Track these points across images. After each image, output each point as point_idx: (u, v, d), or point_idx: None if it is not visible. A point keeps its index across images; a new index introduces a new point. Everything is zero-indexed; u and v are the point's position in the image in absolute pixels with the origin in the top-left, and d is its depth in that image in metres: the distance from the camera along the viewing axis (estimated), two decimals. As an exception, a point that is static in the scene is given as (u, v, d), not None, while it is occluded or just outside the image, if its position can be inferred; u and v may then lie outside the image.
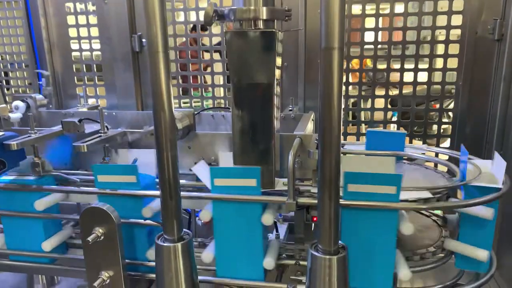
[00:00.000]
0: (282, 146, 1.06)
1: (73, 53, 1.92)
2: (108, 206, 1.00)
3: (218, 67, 1.79)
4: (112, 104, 1.92)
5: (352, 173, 0.91)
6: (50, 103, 1.90)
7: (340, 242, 0.88)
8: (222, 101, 1.82)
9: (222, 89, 1.82)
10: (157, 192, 1.02)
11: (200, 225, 1.40)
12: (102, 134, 1.10)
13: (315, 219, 1.12)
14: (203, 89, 1.82)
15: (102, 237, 1.00)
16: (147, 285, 1.15)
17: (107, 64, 1.88)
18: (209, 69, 1.80)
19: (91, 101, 1.94)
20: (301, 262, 1.08)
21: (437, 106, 1.68)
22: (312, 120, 1.35)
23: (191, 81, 1.82)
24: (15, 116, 1.47)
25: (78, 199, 1.16)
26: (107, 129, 1.16)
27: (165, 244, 0.92)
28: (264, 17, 0.95)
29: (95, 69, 1.92)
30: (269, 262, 0.99)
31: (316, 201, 0.93)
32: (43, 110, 1.58)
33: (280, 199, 0.96)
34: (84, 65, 1.93)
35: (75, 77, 1.95)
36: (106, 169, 1.04)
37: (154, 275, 1.09)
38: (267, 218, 0.97)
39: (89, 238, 0.97)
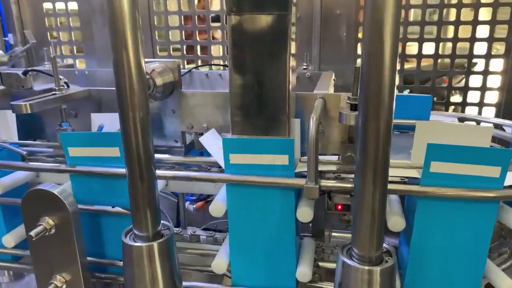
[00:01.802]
0: (298, 111, 0.78)
1: (44, 4, 1.61)
2: (61, 188, 0.74)
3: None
4: (92, 67, 1.62)
5: (441, 146, 0.63)
6: (20, 65, 1.61)
7: (384, 245, 0.61)
8: (221, 61, 1.52)
9: (221, 47, 1.52)
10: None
11: (193, 211, 1.14)
12: (56, 92, 0.82)
13: (339, 207, 0.85)
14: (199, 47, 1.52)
15: (52, 230, 0.73)
16: (120, 290, 0.89)
17: (84, 18, 1.58)
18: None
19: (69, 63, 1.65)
20: (321, 264, 0.82)
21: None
22: (334, 80, 1.06)
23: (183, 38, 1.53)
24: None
25: (51, 180, 0.89)
26: (67, 86, 0.88)
27: (135, 244, 0.66)
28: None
29: (70, 24, 1.62)
30: (304, 273, 0.73)
31: (345, 186, 0.66)
32: (3, 68, 1.29)
33: (296, 182, 0.69)
34: (58, 19, 1.63)
35: (48, 34, 1.65)
36: (79, 138, 0.76)
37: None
38: (305, 213, 0.70)
39: (33, 233, 0.70)
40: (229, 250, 0.77)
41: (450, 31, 1.32)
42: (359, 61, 0.55)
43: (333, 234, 1.02)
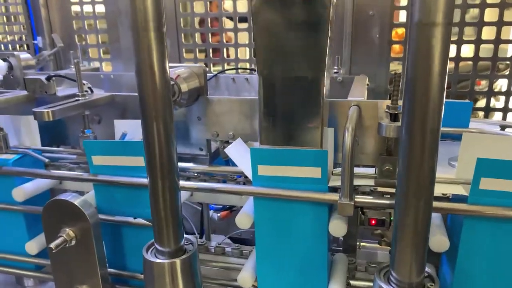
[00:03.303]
0: (331, 119, 0.73)
1: (73, 7, 1.61)
2: (81, 199, 0.71)
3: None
4: (118, 70, 1.61)
5: (493, 161, 0.57)
6: (48, 68, 1.62)
7: (427, 270, 0.56)
8: (248, 64, 1.48)
9: (247, 49, 1.47)
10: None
11: (217, 220, 1.10)
12: (79, 98, 0.80)
13: (373, 222, 0.79)
14: (225, 50, 1.48)
15: (73, 242, 0.71)
16: (141, 302, 0.86)
17: (111, 20, 1.57)
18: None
19: (95, 66, 1.64)
20: (352, 282, 0.77)
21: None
22: (367, 84, 1.00)
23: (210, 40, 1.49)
24: (-6, 78, 1.18)
25: (74, 187, 0.87)
26: (91, 91, 0.86)
27: (156, 261, 0.62)
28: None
29: (97, 26, 1.62)
30: None
31: (382, 202, 0.61)
32: (30, 72, 1.29)
33: (329, 198, 0.64)
34: (85, 22, 1.63)
35: (76, 36, 1.65)
36: (103, 146, 0.74)
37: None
38: (338, 227, 0.66)
39: (53, 245, 0.67)
40: (256, 264, 0.72)
41: (491, 33, 1.24)
42: (394, 62, 0.50)
43: (362, 244, 0.97)
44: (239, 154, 0.74)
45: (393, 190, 0.68)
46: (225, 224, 1.16)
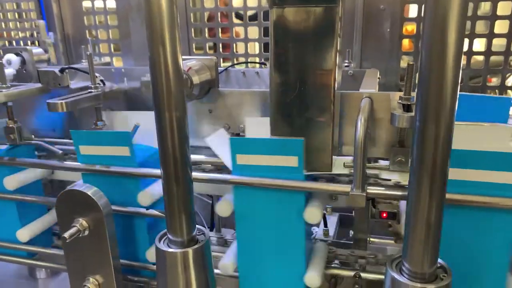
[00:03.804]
0: (342, 111, 0.73)
1: (84, 3, 1.63)
2: (94, 189, 0.72)
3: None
4: (129, 65, 1.62)
5: (461, 152, 0.57)
6: (60, 63, 1.63)
7: (440, 261, 0.56)
8: (257, 59, 1.48)
9: (257, 44, 1.47)
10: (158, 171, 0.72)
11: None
12: (92, 90, 0.81)
13: (384, 215, 0.79)
14: (234, 45, 1.48)
15: (86, 232, 0.71)
16: (153, 294, 0.87)
17: (122, 16, 1.58)
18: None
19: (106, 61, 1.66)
20: (363, 275, 0.77)
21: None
22: (378, 78, 1.00)
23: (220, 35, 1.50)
24: (7, 72, 1.20)
25: (62, 177, 0.88)
26: (103, 84, 0.86)
27: (169, 250, 0.63)
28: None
29: (108, 22, 1.63)
30: (312, 278, 0.69)
31: (394, 193, 0.61)
32: (43, 66, 1.31)
33: (341, 189, 0.64)
34: (96, 18, 1.64)
35: (87, 32, 1.66)
36: (89, 137, 0.74)
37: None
38: (313, 214, 0.66)
39: (66, 234, 0.68)
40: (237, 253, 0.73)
41: (504, 27, 1.22)
42: (404, 57, 0.50)
43: (371, 239, 0.97)
44: (220, 144, 0.74)
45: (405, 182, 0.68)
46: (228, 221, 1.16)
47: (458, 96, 0.47)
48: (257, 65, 1.41)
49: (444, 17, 0.44)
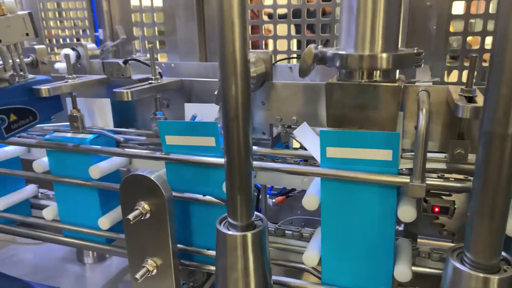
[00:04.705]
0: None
1: (132, 1, 1.68)
2: (157, 174, 0.75)
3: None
4: (175, 61, 1.67)
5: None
6: (108, 59, 1.70)
7: (503, 253, 0.56)
8: (285, 56, 1.49)
9: (285, 41, 1.48)
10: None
11: (272, 205, 1.12)
12: (153, 81, 0.85)
13: (437, 210, 0.79)
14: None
15: (148, 215, 0.75)
16: (203, 279, 0.90)
17: (168, 13, 1.63)
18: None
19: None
20: (414, 268, 0.77)
21: None
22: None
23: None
24: (63, 66, 1.26)
25: (142, 166, 0.93)
26: (161, 76, 0.90)
27: (229, 232, 0.66)
28: (384, 67, 0.66)
29: (155, 19, 1.68)
30: (403, 272, 0.70)
31: (455, 185, 0.61)
32: (96, 61, 1.37)
33: (399, 180, 0.65)
34: (143, 15, 1.70)
35: (134, 29, 1.72)
36: (176, 127, 0.78)
37: (211, 267, 0.85)
38: (408, 212, 0.67)
39: (130, 216, 0.72)
40: (320, 245, 0.74)
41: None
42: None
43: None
44: (306, 136, 0.76)
45: (460, 176, 0.68)
46: (275, 211, 1.18)
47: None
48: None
49: None
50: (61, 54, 1.32)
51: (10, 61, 0.79)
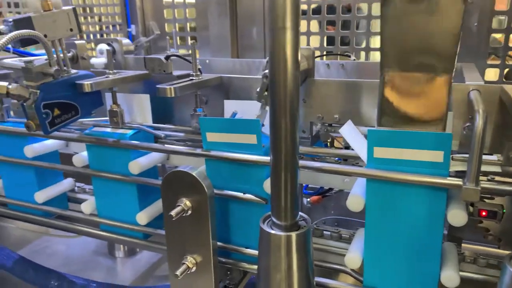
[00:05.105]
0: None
1: (164, -2, 1.69)
2: (198, 170, 0.75)
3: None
4: (206, 57, 1.67)
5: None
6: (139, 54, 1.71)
7: None
8: (318, 52, 1.46)
9: (318, 37, 1.45)
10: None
11: (306, 204, 1.11)
12: (194, 78, 0.84)
13: (484, 214, 0.77)
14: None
15: (189, 212, 0.75)
16: (239, 277, 0.89)
17: (200, 9, 1.63)
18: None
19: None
20: (461, 273, 0.74)
21: None
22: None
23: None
24: (99, 61, 1.28)
25: (180, 163, 0.93)
26: (200, 73, 0.90)
27: (273, 232, 0.65)
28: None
29: (187, 15, 1.68)
30: (451, 278, 0.67)
31: (508, 189, 0.59)
32: (130, 56, 1.38)
33: (453, 182, 0.62)
34: (175, 11, 1.70)
35: (166, 25, 1.73)
36: (217, 124, 0.77)
37: (248, 266, 0.84)
38: (458, 216, 0.64)
39: (173, 212, 0.72)
40: (363, 248, 0.73)
41: None
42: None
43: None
44: (351, 134, 0.74)
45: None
46: (307, 210, 1.17)
47: None
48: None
49: None
50: (97, 50, 1.33)
51: (55, 56, 0.79)
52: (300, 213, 0.68)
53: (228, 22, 1.58)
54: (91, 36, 1.93)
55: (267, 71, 0.75)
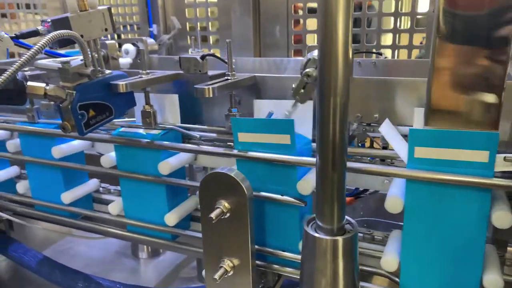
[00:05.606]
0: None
1: (186, -4, 1.68)
2: (236, 172, 0.73)
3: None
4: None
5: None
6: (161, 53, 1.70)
7: None
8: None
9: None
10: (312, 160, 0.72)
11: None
12: (229, 78, 0.83)
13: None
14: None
15: (228, 214, 0.73)
16: (274, 280, 0.88)
17: (222, 8, 1.62)
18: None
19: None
20: (507, 278, 0.72)
21: None
22: None
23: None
24: (125, 61, 1.27)
25: (207, 163, 0.91)
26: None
27: (318, 235, 0.63)
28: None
29: (209, 14, 1.67)
30: (495, 282, 0.65)
31: None
32: (154, 56, 1.37)
33: (503, 183, 0.60)
34: (197, 10, 1.69)
35: (187, 24, 1.72)
36: (250, 124, 0.76)
37: (282, 269, 0.82)
38: (504, 218, 0.62)
39: (213, 215, 0.70)
40: (400, 250, 0.70)
41: None
42: None
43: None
44: (391, 134, 0.72)
45: None
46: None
47: None
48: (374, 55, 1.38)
49: None
50: (122, 50, 1.33)
51: (90, 56, 0.78)
52: (346, 217, 0.66)
53: (251, 21, 1.56)
54: (108, 36, 1.93)
55: (308, 69, 0.73)
